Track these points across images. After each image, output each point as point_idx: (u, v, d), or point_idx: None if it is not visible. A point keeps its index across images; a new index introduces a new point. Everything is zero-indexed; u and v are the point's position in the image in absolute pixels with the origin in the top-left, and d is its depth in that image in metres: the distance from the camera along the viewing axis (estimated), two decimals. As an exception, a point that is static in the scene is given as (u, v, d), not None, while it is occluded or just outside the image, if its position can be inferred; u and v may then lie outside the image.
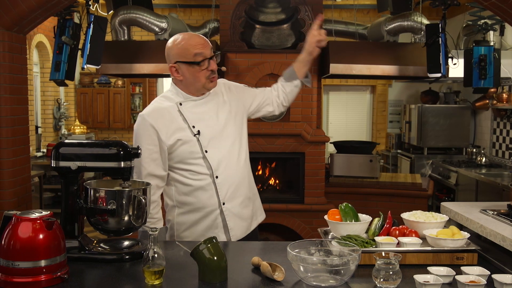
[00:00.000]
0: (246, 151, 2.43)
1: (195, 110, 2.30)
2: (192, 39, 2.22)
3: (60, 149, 1.93)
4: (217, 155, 2.27)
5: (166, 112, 2.26)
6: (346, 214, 2.06)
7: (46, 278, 1.65)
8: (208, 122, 2.30)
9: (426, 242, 1.94)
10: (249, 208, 2.42)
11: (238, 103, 2.43)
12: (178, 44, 2.21)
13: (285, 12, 5.05)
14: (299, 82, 2.53)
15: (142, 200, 1.91)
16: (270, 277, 1.71)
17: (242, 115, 2.44)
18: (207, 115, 2.31)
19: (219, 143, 2.29)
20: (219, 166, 2.28)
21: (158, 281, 1.69)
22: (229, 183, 2.30)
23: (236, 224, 2.34)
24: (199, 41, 2.21)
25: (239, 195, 2.35)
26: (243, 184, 2.37)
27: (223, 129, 2.32)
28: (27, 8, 3.41)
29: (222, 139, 2.31)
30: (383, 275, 1.65)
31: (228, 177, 2.30)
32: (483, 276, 1.67)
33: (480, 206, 2.49)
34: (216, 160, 2.27)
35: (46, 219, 1.66)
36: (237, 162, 2.34)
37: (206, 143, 2.26)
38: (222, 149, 2.30)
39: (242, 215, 2.37)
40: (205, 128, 2.28)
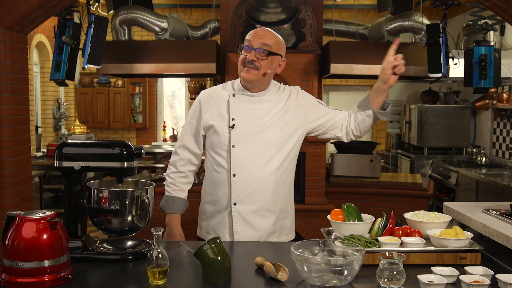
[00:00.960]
0: (284, 162, 2.30)
1: (244, 105, 2.29)
2: (256, 30, 2.27)
3: (63, 149, 1.93)
4: (242, 153, 2.25)
5: (217, 99, 2.33)
6: (349, 214, 2.06)
7: (50, 278, 1.65)
8: (249, 120, 2.28)
9: (429, 242, 1.94)
10: (267, 220, 2.31)
11: (298, 113, 2.34)
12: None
13: (286, 12, 5.04)
14: (371, 112, 2.33)
15: (146, 200, 1.91)
16: (274, 277, 1.71)
17: (298, 126, 2.34)
18: (252, 113, 2.29)
19: (250, 143, 2.26)
20: (240, 165, 2.25)
21: (162, 281, 1.68)
22: (245, 185, 2.26)
23: (244, 229, 2.29)
24: (258, 32, 2.25)
25: (255, 202, 2.27)
26: (265, 193, 2.27)
27: (262, 131, 2.27)
28: (28, 8, 3.41)
29: (256, 141, 2.26)
30: (387, 275, 1.65)
31: (246, 178, 2.25)
32: (487, 276, 1.67)
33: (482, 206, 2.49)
34: (239, 157, 2.25)
35: (50, 219, 1.66)
36: (264, 167, 2.25)
37: (236, 139, 2.26)
38: (251, 149, 2.26)
39: (254, 223, 2.29)
40: (243, 125, 2.27)
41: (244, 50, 2.23)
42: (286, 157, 2.32)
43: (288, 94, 2.36)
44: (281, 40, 2.28)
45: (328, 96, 8.78)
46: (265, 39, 2.21)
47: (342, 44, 5.20)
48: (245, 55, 2.22)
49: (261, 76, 2.24)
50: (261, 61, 2.20)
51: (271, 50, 2.21)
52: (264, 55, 2.20)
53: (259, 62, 2.20)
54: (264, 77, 2.26)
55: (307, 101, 2.39)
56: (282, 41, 2.28)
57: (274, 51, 2.22)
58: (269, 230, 2.32)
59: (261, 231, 2.30)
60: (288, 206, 2.40)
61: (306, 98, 2.41)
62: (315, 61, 5.01)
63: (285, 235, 2.40)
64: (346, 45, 5.14)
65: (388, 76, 2.22)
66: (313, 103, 2.41)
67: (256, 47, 2.20)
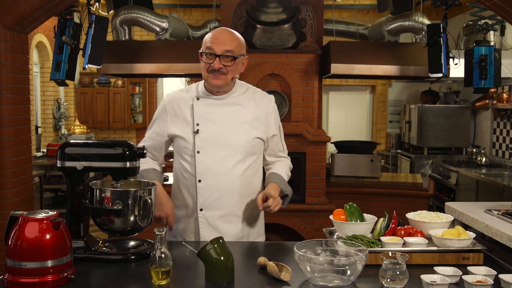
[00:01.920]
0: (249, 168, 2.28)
1: (208, 109, 2.26)
2: (215, 33, 2.19)
3: (66, 149, 1.93)
4: (207, 159, 2.22)
5: (181, 103, 2.31)
6: (352, 214, 2.06)
7: (53, 279, 1.65)
8: (214, 124, 2.24)
9: (431, 242, 1.94)
10: (235, 226, 2.28)
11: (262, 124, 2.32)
12: (207, 34, 2.23)
13: (286, 12, 5.04)
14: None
15: (148, 201, 1.91)
16: (277, 277, 1.71)
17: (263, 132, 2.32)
18: (217, 117, 2.26)
19: (215, 148, 2.23)
20: (206, 170, 2.22)
21: (165, 281, 1.68)
22: (211, 191, 2.23)
23: (210, 235, 2.21)
24: (218, 37, 2.16)
25: (222, 207, 2.25)
26: (231, 198, 2.25)
27: (227, 136, 2.24)
28: (29, 8, 3.41)
29: (221, 145, 2.23)
30: (390, 275, 1.65)
31: (212, 185, 2.23)
32: (489, 276, 1.67)
33: (484, 206, 2.50)
34: (204, 163, 2.22)
35: (53, 219, 1.66)
36: (229, 173, 2.23)
37: (200, 144, 2.23)
38: (216, 155, 2.23)
39: (221, 229, 2.25)
40: (207, 130, 2.24)
41: (206, 57, 2.18)
42: (253, 162, 2.31)
43: (260, 98, 2.35)
44: (241, 40, 2.23)
45: (328, 96, 8.79)
46: (227, 45, 2.15)
47: (343, 44, 5.20)
48: (209, 63, 2.17)
49: (229, 80, 2.23)
50: (227, 67, 2.17)
51: (235, 55, 2.17)
52: (229, 61, 2.16)
53: (225, 69, 2.17)
54: (232, 81, 2.27)
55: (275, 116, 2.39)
56: (242, 40, 2.23)
57: (237, 55, 2.18)
58: (236, 235, 2.28)
59: (229, 237, 2.18)
60: (256, 211, 2.35)
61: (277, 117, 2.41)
62: (315, 61, 5.01)
63: (252, 239, 2.37)
64: (346, 45, 5.15)
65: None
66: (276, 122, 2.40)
67: (219, 54, 2.14)
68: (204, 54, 2.19)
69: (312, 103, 5.05)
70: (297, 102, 5.03)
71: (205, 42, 2.20)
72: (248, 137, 2.26)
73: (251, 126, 2.28)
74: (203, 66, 2.21)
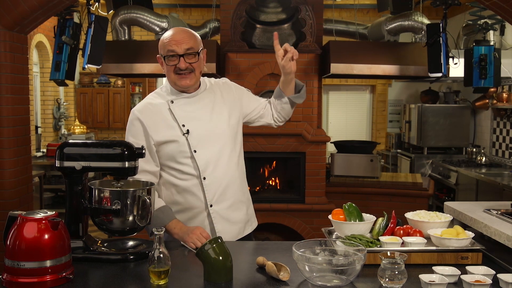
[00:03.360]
0: (239, 153, 2.38)
1: (187, 108, 2.26)
2: (170, 35, 2.19)
3: (64, 149, 1.93)
4: (205, 156, 2.23)
5: (156, 110, 2.26)
6: (350, 213, 2.06)
7: (52, 278, 1.65)
8: (199, 121, 2.26)
9: (430, 241, 1.94)
10: (241, 211, 2.36)
11: (235, 104, 2.39)
12: (162, 38, 2.22)
13: (286, 11, 5.05)
14: (287, 100, 2.42)
15: (147, 200, 1.91)
16: (276, 277, 1.71)
17: (238, 117, 2.39)
18: (198, 114, 2.27)
19: (208, 143, 2.24)
20: (207, 167, 2.24)
21: (164, 281, 1.68)
22: (217, 185, 2.26)
23: (225, 227, 2.28)
24: (175, 38, 2.17)
25: (228, 198, 2.29)
26: (233, 187, 2.32)
27: (214, 129, 2.27)
28: (29, 8, 3.41)
29: (212, 139, 2.26)
30: (388, 275, 1.65)
31: (216, 178, 2.25)
32: (488, 276, 1.67)
33: (483, 205, 2.49)
34: (204, 160, 2.23)
35: (52, 219, 1.66)
36: (227, 163, 2.28)
37: (195, 143, 2.23)
38: (212, 149, 2.25)
39: (232, 218, 2.31)
40: (195, 127, 2.24)
41: (170, 60, 2.17)
42: (240, 148, 2.40)
43: (219, 88, 2.39)
44: (196, 35, 2.25)
45: (328, 96, 8.78)
46: (186, 43, 2.16)
47: (342, 44, 5.20)
48: (174, 65, 2.18)
49: (198, 77, 2.27)
50: (193, 63, 2.19)
51: (196, 51, 2.20)
52: (193, 58, 2.19)
53: (191, 66, 2.19)
54: (200, 76, 2.30)
55: (239, 91, 2.46)
56: (197, 35, 2.25)
57: (198, 50, 2.21)
58: (244, 220, 2.38)
59: (239, 223, 2.34)
60: (248, 193, 2.47)
61: (237, 88, 2.47)
62: (315, 61, 5.02)
63: (254, 221, 2.49)
64: (346, 45, 5.15)
65: (285, 67, 2.29)
66: (244, 92, 2.48)
67: (182, 53, 2.16)
68: (166, 58, 2.18)
69: (312, 103, 5.05)
70: (296, 102, 5.03)
71: (163, 45, 2.19)
72: (230, 125, 2.33)
73: (229, 114, 2.34)
74: (168, 69, 2.20)
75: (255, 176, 5.24)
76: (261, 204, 4.91)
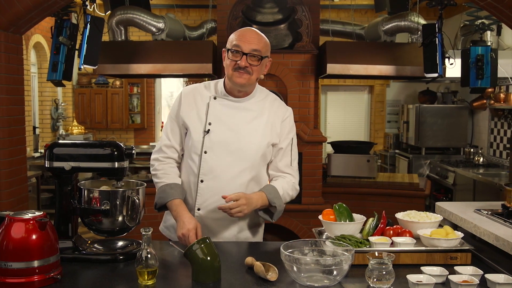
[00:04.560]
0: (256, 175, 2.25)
1: (224, 110, 2.22)
2: (243, 32, 2.18)
3: (54, 150, 1.93)
4: (213, 161, 2.18)
5: (199, 98, 2.27)
6: (341, 214, 2.06)
7: (39, 279, 1.65)
8: (227, 128, 2.20)
9: (420, 242, 1.94)
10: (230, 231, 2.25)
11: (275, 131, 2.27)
12: (234, 32, 2.20)
13: (282, 12, 5.05)
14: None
15: (136, 201, 1.91)
16: (264, 277, 1.71)
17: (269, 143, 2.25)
18: (231, 119, 2.22)
19: (224, 151, 2.18)
20: (209, 172, 2.19)
21: (151, 281, 1.69)
22: (212, 193, 2.19)
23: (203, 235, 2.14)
24: (246, 36, 2.15)
25: (219, 211, 2.13)
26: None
27: (239, 141, 2.19)
28: (24, 9, 3.42)
29: (231, 150, 2.18)
30: (376, 275, 1.65)
31: (213, 186, 2.19)
32: (476, 276, 1.67)
33: (474, 206, 2.49)
34: (209, 164, 2.18)
35: (39, 219, 1.66)
36: (234, 178, 2.19)
37: (209, 145, 2.18)
38: (223, 158, 2.18)
39: (216, 231, 2.24)
40: (219, 131, 2.19)
41: (232, 55, 2.15)
42: (259, 173, 2.27)
43: (276, 107, 2.30)
44: (267, 41, 2.22)
45: (326, 96, 8.78)
46: (255, 44, 2.13)
47: (339, 44, 5.19)
48: (235, 61, 2.14)
49: (253, 80, 2.20)
50: (253, 66, 2.15)
51: (261, 55, 2.15)
52: (256, 61, 2.14)
53: (251, 68, 2.15)
54: (256, 81, 2.24)
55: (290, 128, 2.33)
56: (268, 42, 2.23)
57: (264, 55, 2.16)
58: (230, 240, 2.26)
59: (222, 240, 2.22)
60: (256, 219, 2.33)
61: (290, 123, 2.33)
62: (311, 61, 5.01)
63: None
64: (342, 45, 5.14)
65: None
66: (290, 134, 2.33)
67: (247, 52, 2.12)
68: (230, 52, 2.16)
69: (308, 103, 5.05)
70: (293, 102, 5.03)
71: (231, 40, 2.18)
72: (259, 145, 2.22)
73: (263, 134, 2.23)
74: (229, 63, 2.18)
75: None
76: (258, 205, 4.90)
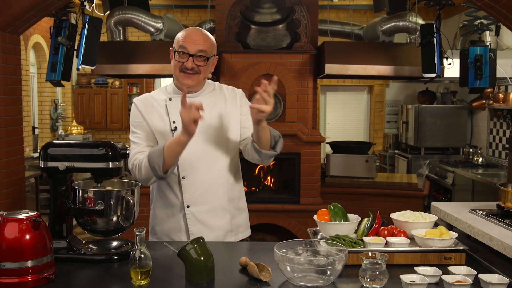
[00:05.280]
0: (232, 160, 2.31)
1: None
2: (187, 33, 2.19)
3: (48, 150, 1.93)
4: (188, 155, 2.18)
5: (154, 103, 2.28)
6: (335, 214, 2.06)
7: (33, 279, 1.65)
8: None
9: (414, 242, 1.94)
10: (223, 219, 2.28)
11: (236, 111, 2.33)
12: (179, 33, 2.22)
13: (281, 12, 5.05)
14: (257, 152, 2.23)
15: (131, 201, 1.91)
16: (257, 277, 1.71)
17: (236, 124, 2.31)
18: None
19: (196, 144, 2.19)
20: (188, 167, 2.21)
21: (145, 281, 1.69)
22: (196, 187, 2.22)
23: (200, 231, 2.22)
24: (191, 37, 2.17)
25: (208, 202, 2.22)
26: (217, 192, 2.26)
27: (205, 131, 2.22)
28: (21, 9, 3.41)
29: (199, 141, 2.21)
30: (369, 275, 1.65)
31: (196, 180, 2.22)
32: (469, 276, 1.67)
33: (470, 206, 2.49)
34: (185, 159, 2.19)
35: (33, 219, 1.66)
36: (211, 167, 2.24)
37: None
38: (196, 150, 2.20)
39: (209, 223, 2.25)
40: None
41: (179, 56, 2.18)
42: (235, 155, 2.33)
43: (228, 92, 2.36)
44: (213, 40, 2.24)
45: (325, 96, 8.78)
46: (200, 44, 2.15)
47: (337, 44, 5.20)
48: (181, 62, 2.18)
49: (201, 80, 2.25)
50: (200, 66, 2.18)
51: (207, 55, 2.18)
52: (202, 61, 2.18)
53: (198, 68, 2.18)
54: (203, 80, 2.28)
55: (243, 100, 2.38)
56: (214, 41, 2.25)
57: (210, 55, 2.20)
58: (225, 229, 2.29)
59: (218, 231, 2.26)
60: (241, 203, 2.39)
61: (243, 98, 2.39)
62: (309, 62, 5.02)
63: (241, 232, 2.38)
64: (340, 46, 5.14)
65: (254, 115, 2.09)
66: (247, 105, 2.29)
67: (193, 54, 2.15)
68: (177, 53, 2.19)
69: (307, 103, 5.05)
70: (291, 103, 5.04)
71: (177, 40, 2.20)
72: (226, 130, 2.28)
73: (228, 119, 2.29)
74: (175, 64, 2.21)
75: (250, 177, 5.24)
76: (256, 205, 4.91)
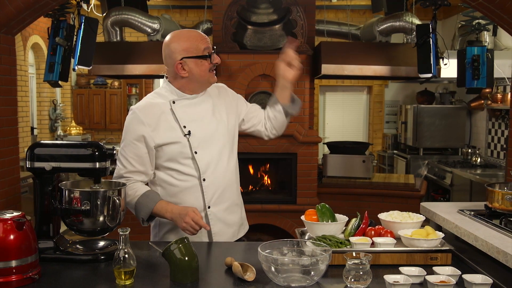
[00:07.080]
0: (235, 157, 2.39)
1: (188, 110, 2.25)
2: (196, 33, 2.21)
3: (35, 150, 1.94)
4: (206, 157, 2.23)
5: (157, 109, 2.21)
6: (323, 214, 2.06)
7: (17, 279, 1.65)
8: (200, 123, 2.25)
9: (401, 242, 1.94)
10: (237, 214, 2.38)
11: (232, 108, 2.39)
12: (184, 40, 2.18)
13: (277, 12, 5.05)
14: (280, 108, 2.39)
15: (117, 201, 1.91)
16: (241, 277, 1.71)
17: (235, 121, 2.39)
18: (199, 116, 2.27)
19: (209, 145, 2.24)
20: (208, 168, 2.24)
21: (129, 281, 1.69)
22: (216, 187, 2.26)
23: (221, 229, 2.29)
24: (200, 36, 2.20)
25: (226, 200, 2.29)
26: (231, 189, 2.33)
27: (215, 132, 2.27)
28: (15, 9, 3.42)
29: (213, 141, 2.26)
30: (353, 275, 1.65)
31: (215, 180, 2.26)
32: (454, 276, 1.67)
33: (459, 206, 2.49)
34: (205, 162, 2.23)
35: (17, 219, 1.66)
36: (226, 165, 2.29)
37: (196, 144, 2.22)
38: (212, 151, 2.25)
39: (228, 220, 2.32)
40: (197, 129, 2.23)
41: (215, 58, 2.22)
42: (236, 152, 2.41)
43: (219, 91, 2.41)
44: None
45: (324, 97, 8.78)
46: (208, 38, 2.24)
47: (333, 44, 5.20)
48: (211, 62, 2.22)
49: None
50: None
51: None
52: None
53: None
54: None
55: (235, 97, 2.46)
56: None
57: None
58: (238, 223, 2.38)
59: (234, 226, 2.34)
60: (241, 196, 2.48)
61: (234, 94, 2.48)
62: (306, 62, 5.01)
63: (245, 225, 2.48)
64: (337, 46, 5.14)
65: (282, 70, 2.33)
66: (240, 99, 2.48)
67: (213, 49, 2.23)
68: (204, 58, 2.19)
69: (303, 103, 5.04)
70: (288, 103, 5.03)
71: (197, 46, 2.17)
72: (229, 127, 2.34)
73: (227, 117, 2.35)
74: (207, 66, 2.21)
75: (246, 177, 5.24)
76: (253, 205, 4.91)
